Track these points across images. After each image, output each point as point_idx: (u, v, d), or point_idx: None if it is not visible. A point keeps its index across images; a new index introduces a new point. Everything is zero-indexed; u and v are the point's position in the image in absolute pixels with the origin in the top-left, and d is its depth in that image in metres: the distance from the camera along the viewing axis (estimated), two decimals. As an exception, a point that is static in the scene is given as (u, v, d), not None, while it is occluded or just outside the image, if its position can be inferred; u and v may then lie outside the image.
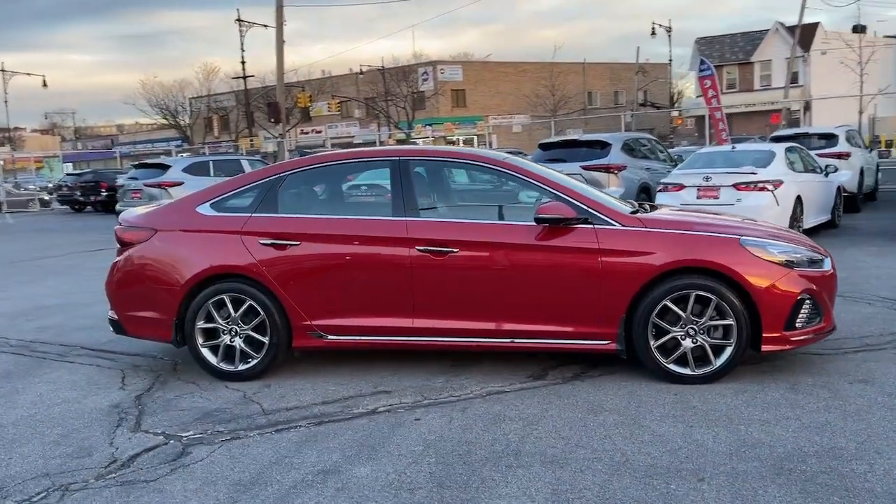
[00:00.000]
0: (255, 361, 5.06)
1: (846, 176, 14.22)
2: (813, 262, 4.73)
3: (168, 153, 53.72)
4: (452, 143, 47.83)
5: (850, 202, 14.28)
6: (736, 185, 10.31)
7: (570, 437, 3.87)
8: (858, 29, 50.26)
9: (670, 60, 48.16)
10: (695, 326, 4.59)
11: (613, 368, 4.94)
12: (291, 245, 4.98)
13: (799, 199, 10.72)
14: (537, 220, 4.68)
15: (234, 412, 4.50)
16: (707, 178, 10.53)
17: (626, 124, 41.79)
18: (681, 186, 10.68)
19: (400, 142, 46.85)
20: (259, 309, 4.99)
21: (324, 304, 4.97)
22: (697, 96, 54.98)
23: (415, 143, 42.28)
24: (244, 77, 40.03)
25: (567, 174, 10.80)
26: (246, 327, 5.05)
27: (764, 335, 4.55)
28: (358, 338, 5.00)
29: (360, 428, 4.14)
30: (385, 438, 3.97)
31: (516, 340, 4.83)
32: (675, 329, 4.61)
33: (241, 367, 5.08)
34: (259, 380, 5.05)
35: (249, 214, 5.12)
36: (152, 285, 5.16)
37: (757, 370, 4.80)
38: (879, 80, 45.36)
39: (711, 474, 3.35)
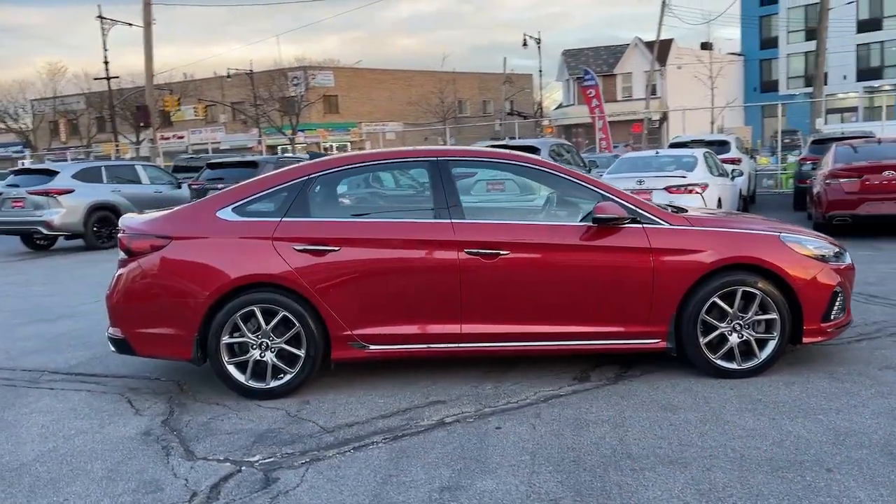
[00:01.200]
0: (289, 377, 4.71)
1: (741, 180, 15.28)
2: (838, 256, 5.00)
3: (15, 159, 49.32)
4: (326, 149, 47.18)
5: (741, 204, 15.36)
6: (668, 188, 10.80)
7: (666, 436, 3.87)
8: (706, 46, 54.33)
9: (540, 71, 49.93)
10: (740, 322, 4.73)
11: (649, 368, 4.99)
12: (330, 251, 4.68)
13: (720, 200, 11.39)
14: (596, 220, 4.67)
15: (291, 432, 4.15)
16: (640, 182, 10.96)
17: (495, 132, 42.54)
18: (615, 190, 11.05)
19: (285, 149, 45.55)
20: (294, 320, 4.65)
21: (366, 312, 4.70)
22: (562, 106, 57.60)
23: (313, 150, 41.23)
24: (108, 78, 37.41)
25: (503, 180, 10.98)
26: (278, 340, 4.69)
27: (805, 328, 4.76)
28: (402, 347, 4.77)
29: (445, 440, 3.94)
30: (481, 450, 3.80)
31: (566, 343, 4.78)
32: (722, 325, 4.73)
33: (273, 383, 4.71)
34: (292, 396, 4.70)
35: (279, 219, 4.77)
36: (169, 299, 4.68)
37: (783, 363, 4.96)
38: (727, 93, 49.23)
39: (834, 464, 3.45)
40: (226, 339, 4.67)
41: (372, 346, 4.74)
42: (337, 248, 4.69)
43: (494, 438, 3.94)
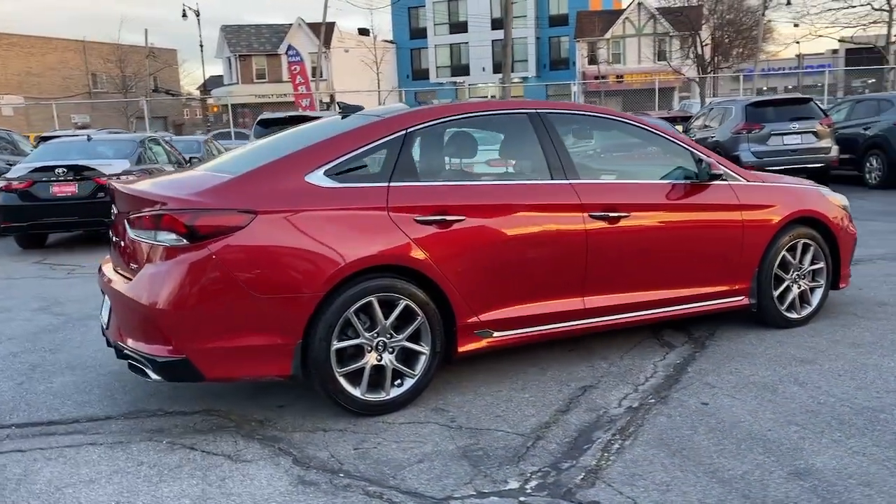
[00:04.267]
0: (411, 382, 3.75)
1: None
2: (845, 207, 5.49)
3: None
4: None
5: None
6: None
7: (838, 391, 3.88)
8: (364, 32, 56.18)
9: (201, 46, 46.65)
10: (798, 272, 4.98)
11: (711, 327, 5.00)
12: (455, 220, 3.81)
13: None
14: (712, 177, 4.50)
15: (505, 448, 3.29)
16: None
17: (139, 109, 38.86)
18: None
19: None
20: (417, 309, 3.70)
21: (491, 292, 3.93)
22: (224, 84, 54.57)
23: None
24: None
25: None
26: (399, 337, 3.71)
27: (841, 273, 5.18)
28: (525, 330, 4.08)
29: (662, 426, 3.48)
30: (721, 428, 3.43)
31: (672, 308, 4.55)
32: (787, 277, 4.93)
33: (394, 392, 3.71)
34: (406, 407, 3.75)
35: (387, 184, 3.73)
36: (261, 296, 3.39)
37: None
38: (391, 78, 51.57)
39: None
40: (337, 344, 3.54)
41: (496, 333, 3.99)
42: (462, 218, 3.83)
43: (713, 419, 3.58)
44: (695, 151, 4.67)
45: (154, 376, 3.40)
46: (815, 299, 5.06)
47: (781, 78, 55.26)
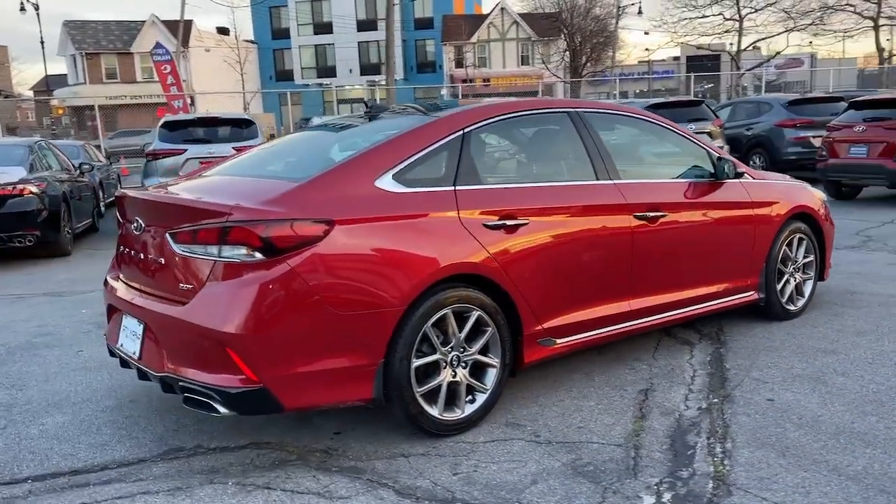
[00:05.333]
0: (483, 397, 3.52)
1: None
2: (825, 202, 5.72)
3: None
4: None
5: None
6: None
7: (880, 379, 4.04)
8: (224, 31, 54.02)
9: (42, 41, 42.87)
10: (795, 265, 5.16)
11: (716, 324, 5.09)
12: (521, 224, 3.61)
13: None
14: (737, 175, 4.56)
15: (612, 461, 3.14)
16: None
17: None
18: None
19: None
20: (488, 320, 3.49)
21: (552, 298, 3.77)
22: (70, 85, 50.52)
23: None
24: None
25: (217, 156, 9.63)
26: (471, 351, 3.47)
27: (826, 264, 5.42)
28: (580, 336, 3.94)
29: (749, 426, 3.47)
30: (806, 424, 3.47)
31: (698, 307, 4.56)
32: (787, 270, 5.10)
33: (469, 409, 3.47)
34: (479, 425, 3.53)
35: (453, 187, 3.48)
36: (343, 313, 3.05)
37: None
38: (253, 79, 49.83)
39: None
40: (416, 361, 3.26)
41: (558, 340, 3.84)
42: (526, 221, 3.64)
43: (804, 407, 3.62)
44: (711, 150, 4.72)
45: (223, 410, 2.98)
46: (807, 291, 5.27)
47: (633, 82, 58.44)
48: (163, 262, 3.23)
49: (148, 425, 3.70)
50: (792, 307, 5.13)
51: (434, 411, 3.34)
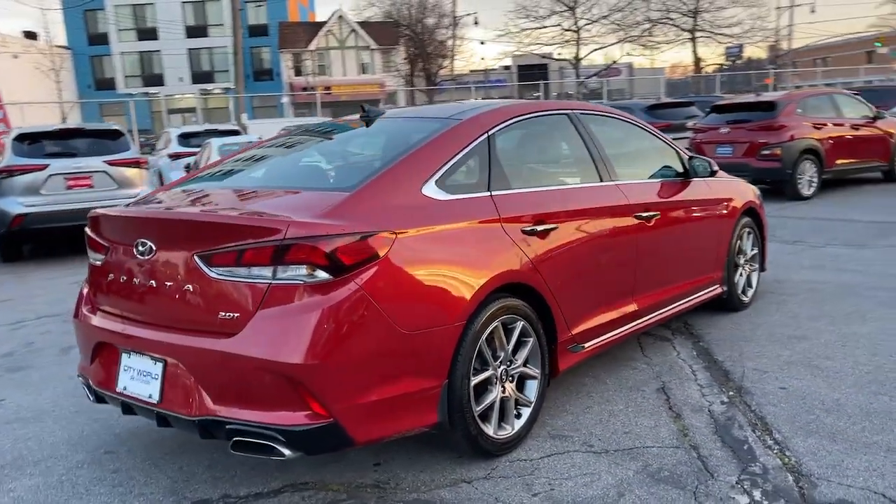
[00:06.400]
0: (528, 411, 3.37)
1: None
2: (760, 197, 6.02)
3: None
4: None
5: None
6: None
7: (863, 359, 4.31)
8: (31, 35, 49.55)
9: None
10: (744, 258, 5.41)
11: (680, 319, 5.23)
12: (551, 229, 3.49)
13: None
14: (713, 173, 4.69)
15: (682, 464, 3.08)
16: None
17: None
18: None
19: None
20: (530, 329, 3.34)
21: (579, 303, 3.69)
22: None
23: None
24: None
25: (87, 171, 8.91)
26: (518, 363, 3.31)
27: (765, 257, 5.72)
28: (600, 339, 3.86)
29: (783, 416, 3.56)
30: (831, 409, 3.61)
31: (681, 303, 4.63)
32: (741, 263, 5.33)
33: (518, 425, 3.30)
34: (525, 441, 3.37)
35: (488, 193, 3.29)
36: (409, 332, 2.78)
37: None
38: (70, 88, 45.98)
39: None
40: (473, 379, 3.05)
41: (586, 345, 3.75)
42: (556, 226, 3.52)
43: (817, 392, 3.75)
44: (680, 150, 4.84)
45: (287, 452, 2.60)
46: (755, 282, 5.55)
47: (467, 91, 60.02)
48: (190, 288, 2.78)
49: (148, 479, 3.19)
50: (745, 298, 5.37)
51: (490, 430, 3.13)
